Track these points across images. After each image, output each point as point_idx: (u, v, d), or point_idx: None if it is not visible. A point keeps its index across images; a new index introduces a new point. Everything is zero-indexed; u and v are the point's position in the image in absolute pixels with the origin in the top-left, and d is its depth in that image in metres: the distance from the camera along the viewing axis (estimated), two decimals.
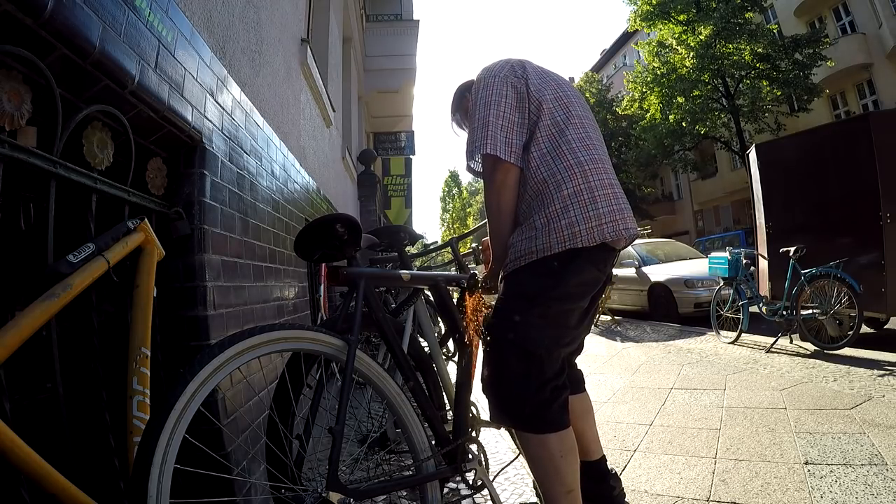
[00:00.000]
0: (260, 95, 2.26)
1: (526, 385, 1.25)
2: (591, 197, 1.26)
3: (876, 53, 14.63)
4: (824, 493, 1.55)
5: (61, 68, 0.98)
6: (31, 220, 1.04)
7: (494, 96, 1.35)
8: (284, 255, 2.39)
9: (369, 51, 9.18)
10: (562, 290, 1.26)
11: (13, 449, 0.76)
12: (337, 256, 1.25)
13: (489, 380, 1.32)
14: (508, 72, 1.40)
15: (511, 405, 1.28)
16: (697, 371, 3.49)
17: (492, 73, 1.41)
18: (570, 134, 1.33)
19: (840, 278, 3.74)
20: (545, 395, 1.25)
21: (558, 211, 1.25)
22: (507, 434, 1.75)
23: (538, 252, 1.25)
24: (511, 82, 1.37)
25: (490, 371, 1.31)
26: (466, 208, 40.39)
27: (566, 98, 1.39)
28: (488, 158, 1.33)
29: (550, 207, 1.26)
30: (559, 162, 1.30)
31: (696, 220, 23.40)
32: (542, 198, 1.28)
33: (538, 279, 1.26)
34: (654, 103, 16.54)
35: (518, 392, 1.26)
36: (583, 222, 1.23)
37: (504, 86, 1.36)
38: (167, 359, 1.35)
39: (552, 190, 1.27)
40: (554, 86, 1.41)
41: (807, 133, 5.01)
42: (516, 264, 1.31)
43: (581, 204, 1.25)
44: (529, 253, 1.27)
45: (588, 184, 1.27)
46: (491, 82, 1.38)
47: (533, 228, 1.28)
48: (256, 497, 1.52)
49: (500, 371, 1.29)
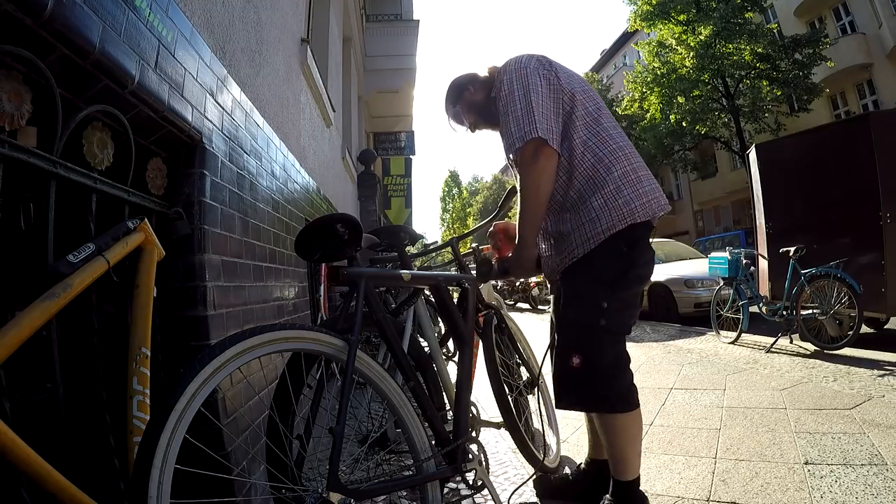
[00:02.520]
0: (260, 95, 2.26)
1: (618, 367, 1.36)
2: (637, 177, 1.37)
3: (876, 53, 14.63)
4: (824, 493, 1.55)
5: (61, 68, 0.98)
6: (31, 220, 1.03)
7: (532, 86, 1.38)
8: (284, 255, 2.39)
9: (369, 51, 9.17)
10: (637, 270, 1.37)
11: (13, 449, 0.76)
12: (337, 256, 1.25)
13: (581, 369, 1.33)
14: (537, 64, 1.44)
15: (608, 390, 1.34)
16: (697, 371, 3.49)
17: (522, 65, 1.44)
18: (605, 122, 1.43)
19: (840, 278, 3.74)
20: (630, 374, 1.38)
21: (613, 192, 1.34)
22: (507, 434, 1.75)
23: (604, 232, 1.33)
24: (542, 73, 1.42)
25: (582, 360, 1.33)
26: (466, 208, 40.38)
27: (590, 90, 1.48)
28: (531, 144, 1.34)
29: (605, 188, 1.35)
30: (603, 147, 1.39)
31: (696, 220, 23.39)
32: (594, 181, 1.37)
33: (613, 262, 1.34)
34: (654, 103, 16.53)
35: (614, 374, 1.35)
36: (636, 199, 1.34)
37: (537, 76, 1.40)
38: (167, 359, 1.35)
39: (603, 173, 1.36)
40: (577, 79, 1.49)
41: (807, 133, 5.01)
42: (584, 248, 1.36)
43: (630, 183, 1.36)
44: (596, 235, 1.34)
45: (632, 165, 1.39)
46: (524, 73, 1.41)
47: (592, 210, 1.35)
48: (257, 497, 1.52)
49: (596, 359, 1.34)
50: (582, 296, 1.37)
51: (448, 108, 1.73)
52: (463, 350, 1.52)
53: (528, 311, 10.56)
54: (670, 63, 15.63)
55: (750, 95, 15.12)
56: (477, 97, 1.66)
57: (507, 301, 11.64)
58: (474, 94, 1.67)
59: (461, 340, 1.53)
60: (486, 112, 1.64)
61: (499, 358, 1.81)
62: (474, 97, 1.67)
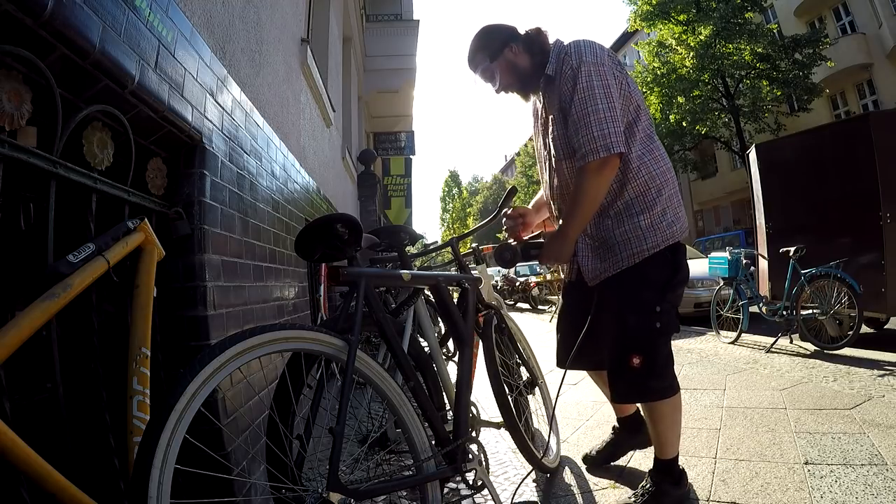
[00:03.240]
0: (260, 95, 2.26)
1: (670, 361, 1.51)
2: (678, 200, 1.52)
3: (876, 53, 14.63)
4: (824, 493, 1.55)
5: (61, 68, 0.98)
6: (31, 220, 1.03)
7: (611, 88, 1.40)
8: (284, 255, 2.39)
9: (369, 51, 9.17)
10: (681, 274, 1.51)
11: (13, 449, 0.76)
12: (337, 256, 1.25)
13: (641, 368, 1.46)
14: (611, 62, 1.44)
15: (663, 383, 1.50)
16: (697, 371, 3.49)
17: (598, 59, 1.42)
18: (656, 140, 1.52)
19: (840, 278, 3.74)
20: (673, 364, 1.53)
21: (659, 213, 1.46)
22: (507, 434, 1.76)
23: (649, 250, 1.45)
24: (616, 75, 1.44)
25: (643, 359, 1.46)
26: (466, 208, 40.38)
27: (645, 102, 1.55)
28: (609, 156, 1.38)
29: (654, 209, 1.46)
30: (656, 166, 1.47)
31: (696, 220, 23.38)
32: (645, 199, 1.46)
33: (661, 270, 1.47)
34: (654, 103, 16.52)
35: (666, 367, 1.50)
36: (676, 222, 1.49)
37: (611, 77, 1.42)
38: (167, 359, 1.35)
39: (654, 194, 1.47)
40: (637, 87, 1.52)
41: (807, 133, 5.01)
42: (631, 262, 1.47)
43: (673, 207, 1.49)
44: (641, 251, 1.46)
45: (675, 188, 1.52)
46: (603, 71, 1.41)
47: (639, 228, 1.46)
48: (256, 497, 1.52)
49: (653, 357, 1.47)
50: (638, 302, 1.47)
51: (480, 60, 1.59)
52: (463, 350, 1.52)
53: (528, 311, 10.56)
54: (670, 63, 15.62)
55: (750, 95, 15.12)
56: (521, 60, 1.56)
57: (507, 301, 11.64)
58: (517, 55, 1.57)
59: (461, 340, 1.53)
60: (526, 80, 1.57)
61: (499, 358, 1.81)
62: (517, 60, 1.56)
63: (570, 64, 1.44)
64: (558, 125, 1.50)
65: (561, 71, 1.48)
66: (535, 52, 1.56)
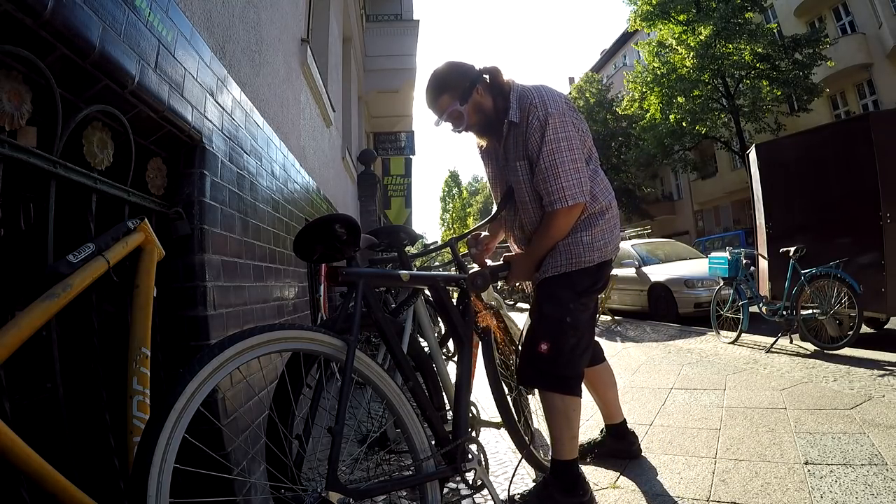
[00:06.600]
0: (260, 95, 2.26)
1: (575, 358, 1.60)
2: (615, 223, 1.68)
3: (876, 53, 14.63)
4: (824, 493, 1.55)
5: (61, 68, 0.98)
6: (31, 220, 1.04)
7: (573, 139, 1.54)
8: (284, 255, 2.39)
9: (369, 51, 9.17)
10: (599, 286, 1.66)
11: (13, 449, 0.76)
12: (336, 256, 1.25)
13: (548, 354, 1.57)
14: (569, 110, 1.57)
15: (566, 373, 1.58)
16: (697, 371, 3.49)
17: (561, 111, 1.54)
18: (601, 173, 1.69)
19: (840, 278, 3.73)
20: (583, 365, 1.64)
21: (599, 233, 1.62)
22: (507, 434, 1.76)
23: (584, 263, 1.60)
24: (574, 122, 1.57)
25: (550, 346, 1.57)
26: (466, 208, 40.35)
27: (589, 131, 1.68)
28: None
29: (595, 229, 1.62)
30: (602, 195, 1.64)
31: (696, 220, 23.40)
32: (589, 220, 1.63)
33: (585, 279, 1.62)
34: (654, 103, 16.54)
35: (571, 359, 1.59)
36: (611, 243, 1.65)
37: (573, 127, 1.56)
38: (167, 359, 1.36)
39: (597, 216, 1.63)
40: (586, 127, 1.67)
41: (807, 133, 5.00)
42: (565, 268, 1.61)
43: (611, 228, 1.65)
44: (578, 262, 1.60)
45: (615, 211, 1.69)
46: (564, 122, 1.53)
47: (580, 244, 1.61)
48: (256, 497, 1.52)
49: (560, 346, 1.57)
50: (555, 297, 1.61)
51: (447, 102, 1.58)
52: (462, 350, 1.52)
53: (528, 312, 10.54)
54: (670, 63, 15.63)
55: (750, 95, 15.12)
56: (486, 103, 1.60)
57: (508, 301, 11.64)
58: (483, 97, 1.59)
59: (460, 340, 1.53)
60: (490, 122, 1.63)
61: (498, 358, 1.81)
62: (483, 101, 1.60)
63: (537, 115, 1.52)
64: (523, 171, 1.62)
65: (527, 121, 1.54)
66: (495, 94, 1.62)
